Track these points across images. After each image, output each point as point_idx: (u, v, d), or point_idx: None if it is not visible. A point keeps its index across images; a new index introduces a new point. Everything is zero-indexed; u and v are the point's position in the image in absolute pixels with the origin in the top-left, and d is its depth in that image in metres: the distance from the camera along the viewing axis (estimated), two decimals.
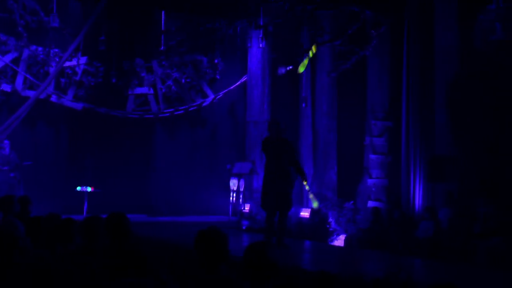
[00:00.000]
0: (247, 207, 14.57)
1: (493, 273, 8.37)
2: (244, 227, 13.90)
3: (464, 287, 6.50)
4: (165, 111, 17.12)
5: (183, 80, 17.15)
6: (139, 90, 17.07)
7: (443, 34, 12.21)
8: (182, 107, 17.21)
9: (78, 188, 15.69)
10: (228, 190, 15.26)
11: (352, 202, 13.86)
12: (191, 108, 17.30)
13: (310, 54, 13.51)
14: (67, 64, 16.06)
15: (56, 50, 15.96)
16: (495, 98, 11.34)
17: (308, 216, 13.22)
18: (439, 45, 12.23)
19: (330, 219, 13.35)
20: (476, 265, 8.93)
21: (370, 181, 13.91)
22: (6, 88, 15.69)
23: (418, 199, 12.30)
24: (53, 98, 16.11)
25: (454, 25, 12.12)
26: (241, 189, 15.05)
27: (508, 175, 10.85)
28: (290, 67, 9.07)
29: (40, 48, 15.94)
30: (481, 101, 11.57)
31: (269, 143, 10.41)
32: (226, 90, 17.38)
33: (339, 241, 12.86)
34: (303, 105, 15.27)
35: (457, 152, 11.86)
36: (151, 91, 17.10)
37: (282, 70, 8.91)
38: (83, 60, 16.27)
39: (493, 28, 10.93)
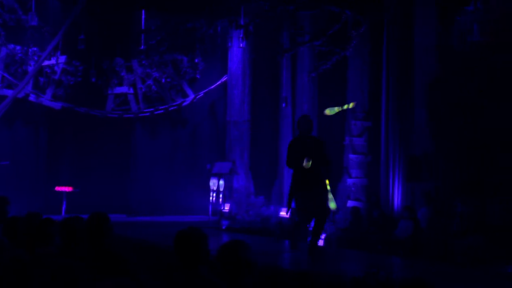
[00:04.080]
0: (227, 207, 14.57)
1: (470, 271, 8.45)
2: (224, 227, 13.89)
3: (441, 285, 6.57)
4: (145, 110, 17.06)
5: (163, 80, 17.09)
6: (119, 90, 16.98)
7: (422, 34, 12.31)
8: (162, 107, 17.16)
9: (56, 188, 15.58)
10: (208, 190, 15.24)
11: None
12: (171, 108, 17.26)
13: (345, 106, 13.23)
14: (46, 63, 15.94)
15: (35, 49, 15.82)
16: (473, 98, 11.44)
17: (288, 216, 13.24)
18: (418, 46, 12.32)
19: None
20: (454, 263, 9.01)
21: (349, 181, 13.98)
22: None
23: (397, 199, 12.38)
24: (32, 98, 15.96)
25: (433, 25, 12.22)
26: (221, 189, 15.04)
27: (486, 175, 10.97)
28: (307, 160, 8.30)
29: (18, 47, 15.78)
30: (459, 101, 11.67)
31: (299, 143, 9.01)
32: (207, 89, 17.36)
33: (319, 241, 12.89)
34: (283, 104, 15.31)
35: (436, 151, 11.96)
36: (131, 91, 17.02)
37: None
38: (62, 59, 16.13)
39: (470, 29, 11.04)
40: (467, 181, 11.15)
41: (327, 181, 9.49)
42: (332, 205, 10.65)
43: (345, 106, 13.18)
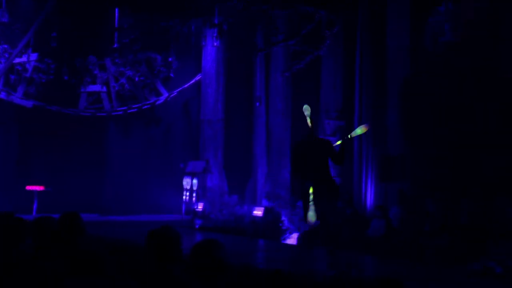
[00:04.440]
0: (200, 206, 14.55)
1: (439, 270, 8.56)
2: (197, 226, 13.87)
3: (411, 284, 6.64)
4: (118, 109, 16.94)
5: (136, 78, 16.99)
6: (92, 88, 16.84)
7: (395, 34, 12.43)
8: (136, 106, 17.06)
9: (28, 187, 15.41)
10: (181, 189, 15.20)
11: None
12: (145, 107, 17.16)
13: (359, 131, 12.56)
14: (17, 60, 15.74)
15: (5, 46, 15.61)
16: (445, 98, 11.59)
17: (261, 215, 13.27)
18: (391, 46, 12.44)
19: (283, 218, 13.44)
20: (425, 262, 9.12)
21: None
22: None
23: (370, 198, 12.48)
24: (2, 95, 15.75)
25: (405, 26, 12.35)
26: (195, 188, 15.02)
27: (456, 175, 11.11)
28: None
29: None
30: (432, 101, 11.81)
31: (306, 145, 8.75)
32: (180, 88, 17.30)
33: (292, 240, 12.95)
34: (257, 104, 15.34)
35: (408, 151, 12.09)
36: (104, 89, 16.89)
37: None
38: (33, 56, 15.94)
39: (442, 29, 11.18)
40: (438, 181, 11.29)
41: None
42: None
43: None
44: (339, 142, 8.98)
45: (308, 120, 8.98)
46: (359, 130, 9.09)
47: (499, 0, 11.20)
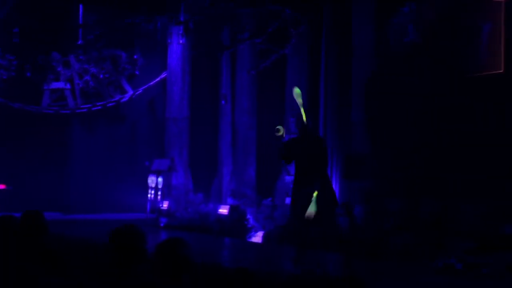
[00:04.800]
0: (165, 204, 14.49)
1: (401, 267, 8.69)
2: (162, 225, 13.81)
3: (373, 281, 6.73)
4: (82, 106, 16.74)
5: (101, 75, 16.82)
6: (55, 85, 16.61)
7: (359, 34, 12.53)
8: (100, 103, 16.88)
9: None
10: (146, 187, 15.11)
11: (270, 199, 14.02)
12: (110, 104, 17.00)
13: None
14: None
15: None
16: (408, 97, 11.74)
17: (227, 213, 13.28)
18: (356, 45, 12.55)
19: (249, 216, 13.46)
20: (387, 260, 9.24)
21: (288, 178, 14.10)
22: None
23: None
24: None
25: (370, 25, 12.47)
26: (160, 186, 14.94)
27: (419, 173, 11.28)
28: None
29: None
30: (395, 100, 11.95)
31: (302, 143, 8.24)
32: (146, 86, 17.18)
33: (257, 238, 12.98)
34: (223, 102, 15.34)
35: (372, 150, 12.21)
36: (68, 86, 16.67)
37: None
38: None
39: (406, 30, 11.33)
40: (401, 179, 11.44)
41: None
42: None
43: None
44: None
45: (302, 112, 8.39)
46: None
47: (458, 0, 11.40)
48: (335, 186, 12.55)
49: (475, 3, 11.15)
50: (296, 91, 8.52)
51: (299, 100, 8.41)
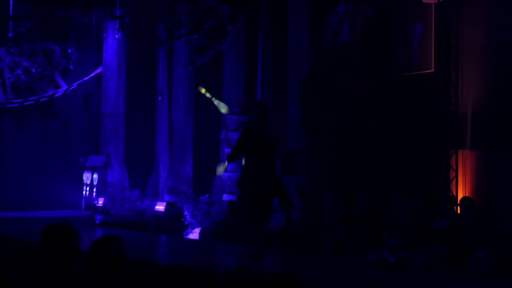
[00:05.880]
0: (101, 201, 14.28)
1: (336, 261, 8.85)
2: (97, 222, 13.60)
3: (308, 276, 6.83)
4: (13, 101, 16.26)
5: (33, 69, 16.37)
6: None
7: (296, 32, 12.67)
8: (33, 98, 16.43)
9: None
10: (81, 183, 14.85)
11: (207, 195, 14.02)
12: (43, 99, 16.57)
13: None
14: None
15: None
16: (343, 95, 11.94)
17: (163, 210, 13.20)
18: (292, 42, 12.68)
19: (186, 213, 13.43)
20: (322, 254, 9.39)
21: (225, 174, 14.14)
22: None
23: None
24: None
25: (306, 23, 12.62)
26: (95, 183, 14.71)
27: (353, 169, 11.50)
28: None
29: None
30: (330, 97, 12.14)
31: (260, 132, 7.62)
32: (80, 81, 16.84)
33: (194, 234, 12.97)
34: (159, 98, 15.22)
35: (309, 146, 12.37)
36: None
37: None
38: None
39: (341, 28, 11.52)
40: (336, 175, 11.63)
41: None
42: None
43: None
44: None
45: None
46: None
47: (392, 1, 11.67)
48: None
49: (407, 4, 11.44)
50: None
51: (207, 95, 8.24)
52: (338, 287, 7.10)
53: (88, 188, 14.76)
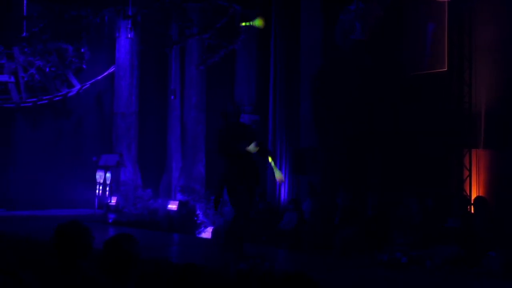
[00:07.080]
0: (113, 200, 14.34)
1: (346, 261, 8.82)
2: (110, 220, 13.65)
3: (319, 275, 6.82)
4: (27, 100, 16.36)
5: (47, 69, 16.46)
6: None
7: (308, 30, 12.66)
8: (46, 97, 16.52)
9: None
10: (94, 182, 14.91)
11: None
12: (56, 98, 16.65)
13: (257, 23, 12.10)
14: None
15: None
16: (355, 93, 11.91)
17: (176, 209, 13.22)
18: (304, 41, 12.67)
19: (198, 212, 13.45)
20: (334, 254, 9.37)
21: None
22: None
23: (284, 191, 12.67)
24: None
25: (318, 22, 12.60)
26: (108, 182, 14.77)
27: (364, 168, 11.47)
28: None
29: None
30: (341, 96, 12.11)
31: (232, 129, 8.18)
32: (93, 80, 16.90)
33: (207, 233, 12.98)
34: (172, 97, 15.23)
35: (320, 145, 12.35)
36: (12, 79, 16.25)
37: None
38: None
39: (352, 27, 11.49)
40: (347, 174, 11.61)
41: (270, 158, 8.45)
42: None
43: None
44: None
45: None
46: None
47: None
48: (284, 181, 12.63)
49: (420, 2, 11.39)
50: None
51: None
52: (350, 287, 7.08)
53: (101, 187, 14.82)
